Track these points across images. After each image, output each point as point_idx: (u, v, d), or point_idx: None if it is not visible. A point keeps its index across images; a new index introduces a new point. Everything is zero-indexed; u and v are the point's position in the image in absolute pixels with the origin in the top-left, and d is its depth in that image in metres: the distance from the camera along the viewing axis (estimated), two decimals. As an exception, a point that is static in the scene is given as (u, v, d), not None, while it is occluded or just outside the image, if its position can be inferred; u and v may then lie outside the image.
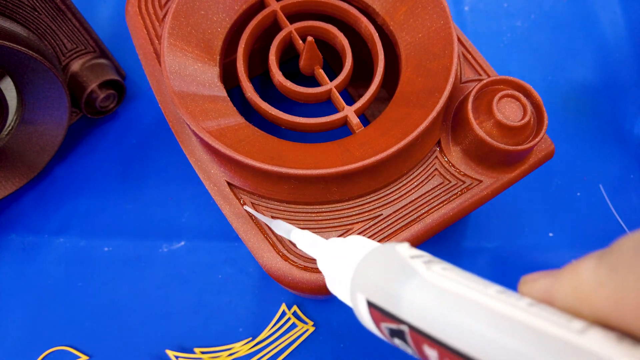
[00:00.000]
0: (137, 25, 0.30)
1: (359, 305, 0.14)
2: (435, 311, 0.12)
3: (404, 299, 0.12)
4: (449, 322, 0.11)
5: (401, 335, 0.13)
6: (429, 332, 0.12)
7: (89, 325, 0.34)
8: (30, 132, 0.36)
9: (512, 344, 0.10)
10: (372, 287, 0.14)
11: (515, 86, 0.26)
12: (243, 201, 0.26)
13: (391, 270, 0.13)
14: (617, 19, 0.45)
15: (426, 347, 0.12)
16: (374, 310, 0.13)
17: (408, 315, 0.12)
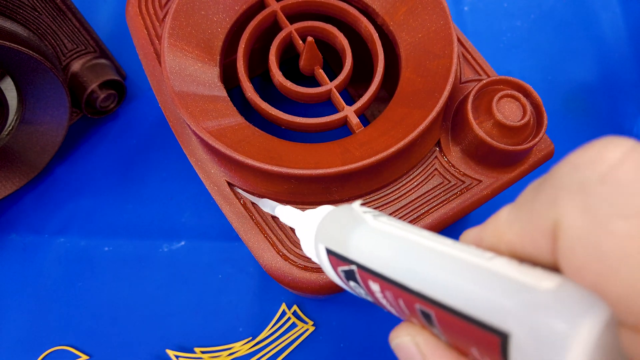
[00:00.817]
0: (137, 25, 0.30)
1: (321, 255, 0.17)
2: (376, 250, 0.14)
3: (352, 242, 0.15)
4: (386, 257, 0.13)
5: (353, 276, 0.15)
6: (372, 268, 0.14)
7: (89, 324, 0.34)
8: (30, 132, 0.36)
9: (432, 267, 0.12)
10: (329, 236, 0.16)
11: (514, 86, 0.26)
12: (243, 201, 0.26)
13: (344, 221, 0.16)
14: (617, 18, 0.45)
15: (370, 282, 0.14)
16: (332, 257, 0.16)
17: (355, 256, 0.14)
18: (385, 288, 0.14)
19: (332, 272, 0.16)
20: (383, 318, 0.34)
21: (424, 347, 0.13)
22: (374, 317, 0.34)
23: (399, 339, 0.14)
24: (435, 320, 0.12)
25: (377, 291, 0.14)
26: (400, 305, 0.13)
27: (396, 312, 0.14)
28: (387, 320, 0.34)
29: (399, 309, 0.14)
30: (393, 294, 0.13)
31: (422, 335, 0.13)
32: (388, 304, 0.14)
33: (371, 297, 0.15)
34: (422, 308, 0.12)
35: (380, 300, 0.14)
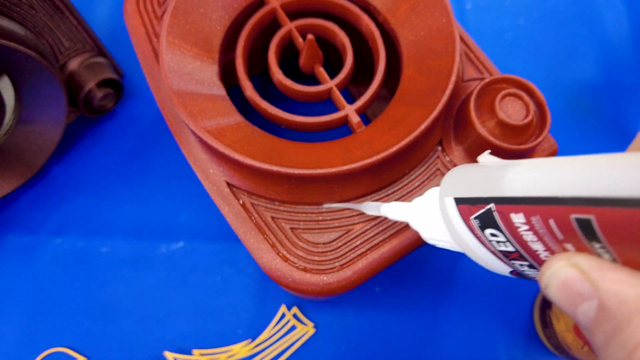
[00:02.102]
0: (135, 23, 0.29)
1: (449, 211, 0.16)
2: (529, 177, 0.13)
3: (499, 179, 0.14)
4: (539, 178, 0.13)
5: (489, 218, 0.14)
6: (521, 195, 0.13)
7: (87, 326, 0.34)
8: (27, 132, 0.35)
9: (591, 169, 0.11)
10: (461, 186, 0.16)
11: (518, 85, 0.26)
12: (243, 201, 0.25)
13: (479, 167, 0.16)
14: (621, 17, 0.45)
15: (513, 215, 0.13)
16: (463, 207, 0.15)
17: (507, 189, 0.14)
18: (533, 213, 0.13)
19: (462, 233, 0.16)
20: (384, 320, 0.34)
21: (586, 265, 0.12)
22: (375, 319, 0.34)
23: (552, 269, 0.12)
24: (596, 227, 0.11)
25: (520, 224, 0.13)
26: (551, 228, 0.12)
27: (542, 247, 0.13)
28: (388, 322, 0.34)
29: (548, 237, 0.13)
30: (542, 216, 0.12)
31: (580, 256, 0.12)
32: (532, 238, 0.13)
33: (510, 241, 0.14)
34: (580, 216, 0.11)
35: (523, 237, 0.13)
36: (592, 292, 0.11)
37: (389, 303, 0.35)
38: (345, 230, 0.25)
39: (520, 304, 0.35)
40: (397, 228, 0.25)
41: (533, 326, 0.34)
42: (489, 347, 0.34)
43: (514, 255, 0.15)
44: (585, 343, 0.28)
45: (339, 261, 0.24)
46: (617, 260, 0.11)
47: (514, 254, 0.14)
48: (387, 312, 0.34)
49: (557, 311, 0.31)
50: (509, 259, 0.15)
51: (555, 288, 0.13)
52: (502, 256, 0.15)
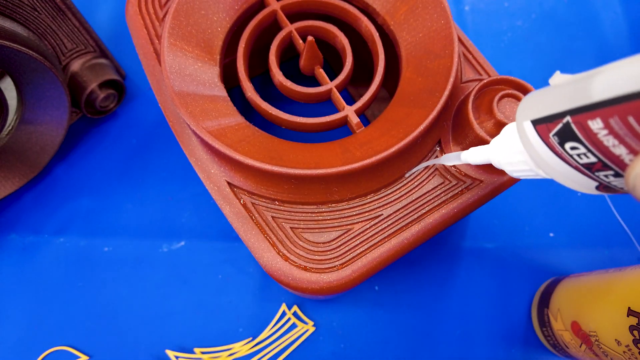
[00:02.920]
0: (137, 24, 0.30)
1: (528, 134, 0.16)
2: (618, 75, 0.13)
3: (594, 83, 0.13)
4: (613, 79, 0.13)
5: (568, 130, 0.14)
6: (596, 100, 0.13)
7: (89, 325, 0.34)
8: (30, 132, 0.36)
9: None
10: (536, 108, 0.16)
11: (516, 86, 0.26)
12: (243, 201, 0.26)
13: (552, 88, 0.15)
14: (618, 18, 0.45)
15: (590, 122, 0.13)
16: (541, 126, 0.15)
17: (578, 100, 0.14)
18: (610, 115, 0.13)
19: (544, 154, 0.16)
20: (384, 318, 0.34)
21: None
22: (374, 318, 0.34)
23: (638, 169, 0.12)
24: None
25: (599, 130, 0.13)
26: (632, 126, 0.12)
27: (625, 151, 0.13)
28: (388, 320, 0.34)
29: (630, 137, 0.12)
30: (620, 115, 0.12)
31: None
32: (613, 142, 0.13)
33: (591, 152, 0.14)
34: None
35: (603, 143, 0.13)
36: None
37: (388, 302, 0.35)
38: (345, 230, 0.25)
39: (518, 303, 0.35)
40: (396, 228, 0.25)
41: (531, 325, 0.34)
42: (487, 346, 0.34)
43: (597, 166, 0.14)
44: (582, 342, 0.28)
45: (339, 260, 0.25)
46: None
47: (597, 165, 0.14)
48: (386, 311, 0.35)
49: (555, 310, 0.31)
50: (592, 171, 0.15)
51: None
52: (585, 170, 0.15)
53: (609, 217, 0.37)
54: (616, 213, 0.37)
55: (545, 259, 0.36)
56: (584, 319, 0.28)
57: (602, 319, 0.26)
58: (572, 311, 0.29)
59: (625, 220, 0.37)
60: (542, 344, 0.34)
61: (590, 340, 0.27)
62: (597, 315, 0.27)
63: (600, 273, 0.29)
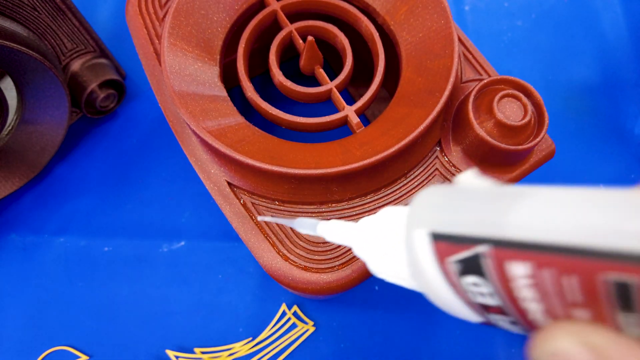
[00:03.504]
0: (137, 24, 0.30)
1: (418, 246, 0.12)
2: (551, 217, 0.10)
3: (514, 213, 0.11)
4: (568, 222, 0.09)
5: (475, 263, 0.11)
6: (540, 241, 0.10)
7: (89, 325, 0.34)
8: (30, 132, 0.36)
9: None
10: (443, 216, 0.12)
11: (515, 86, 0.26)
12: (243, 201, 0.26)
13: (469, 192, 0.12)
14: (618, 18, 0.45)
15: (513, 265, 0.10)
16: (441, 244, 0.12)
17: (510, 230, 0.10)
18: (547, 265, 0.10)
19: (431, 275, 0.12)
20: (384, 318, 0.34)
21: (611, 350, 0.08)
22: (375, 318, 0.34)
23: (555, 345, 0.09)
24: (637, 294, 0.08)
25: (520, 277, 0.10)
26: (566, 288, 0.09)
27: (540, 308, 0.10)
28: (388, 320, 0.34)
29: (556, 298, 0.10)
30: (560, 271, 0.09)
31: (599, 335, 0.09)
32: (531, 296, 0.10)
33: (496, 295, 0.11)
34: (622, 278, 0.08)
35: (516, 292, 0.10)
36: None
37: (388, 301, 0.35)
38: (345, 230, 0.25)
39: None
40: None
41: (531, 325, 0.34)
42: (488, 346, 0.34)
43: (494, 309, 0.12)
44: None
45: (339, 260, 0.25)
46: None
47: (494, 309, 0.12)
48: (386, 311, 0.35)
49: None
50: (487, 311, 0.12)
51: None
52: (477, 308, 0.12)
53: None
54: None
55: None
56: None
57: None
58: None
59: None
60: (542, 344, 0.34)
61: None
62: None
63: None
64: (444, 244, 0.12)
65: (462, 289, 0.12)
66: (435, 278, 0.12)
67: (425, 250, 0.12)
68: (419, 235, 0.12)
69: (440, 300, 0.13)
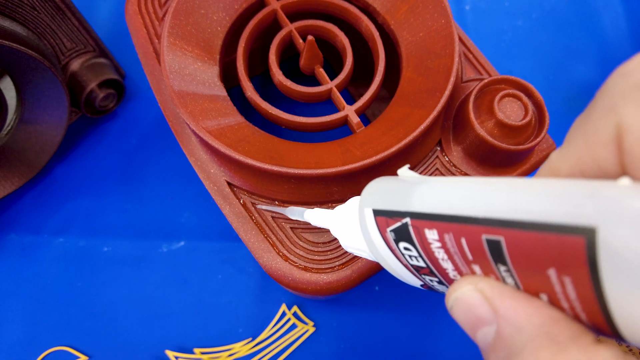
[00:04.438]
0: (136, 24, 0.29)
1: (367, 221, 0.16)
2: (441, 194, 0.13)
3: (414, 194, 0.14)
4: (452, 196, 0.13)
5: (405, 232, 0.14)
6: (435, 212, 0.13)
7: (89, 325, 0.34)
8: (29, 132, 0.35)
9: (502, 192, 0.12)
10: (379, 198, 0.16)
11: (516, 85, 0.26)
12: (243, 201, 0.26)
13: (398, 183, 0.15)
14: (619, 18, 0.45)
15: (427, 231, 0.13)
16: (380, 218, 0.15)
17: (417, 205, 0.14)
18: (446, 231, 0.13)
19: (378, 244, 0.16)
20: (384, 319, 0.34)
21: (489, 291, 0.12)
22: (375, 318, 0.34)
23: (458, 292, 0.13)
24: (505, 249, 0.11)
25: (433, 240, 0.13)
26: (462, 248, 0.12)
27: (451, 267, 0.13)
28: (388, 321, 0.34)
29: (458, 257, 0.13)
30: (455, 234, 0.12)
31: (485, 281, 0.12)
32: (443, 256, 0.13)
33: (422, 257, 0.14)
34: (491, 237, 0.11)
35: (434, 254, 0.13)
36: (492, 318, 0.12)
37: (388, 302, 0.35)
38: (345, 230, 0.25)
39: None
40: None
41: (532, 325, 0.34)
42: (488, 346, 0.34)
43: (424, 270, 0.15)
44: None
45: (339, 260, 0.24)
46: (519, 286, 0.12)
47: (424, 270, 0.15)
48: (386, 311, 0.34)
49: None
50: (420, 273, 0.15)
51: (459, 311, 0.13)
52: (414, 270, 0.15)
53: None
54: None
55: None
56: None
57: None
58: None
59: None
60: (543, 345, 0.34)
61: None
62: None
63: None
64: (382, 218, 0.15)
65: (400, 254, 0.15)
66: (381, 246, 0.16)
67: (372, 223, 0.16)
68: (367, 212, 0.16)
69: (388, 266, 0.17)
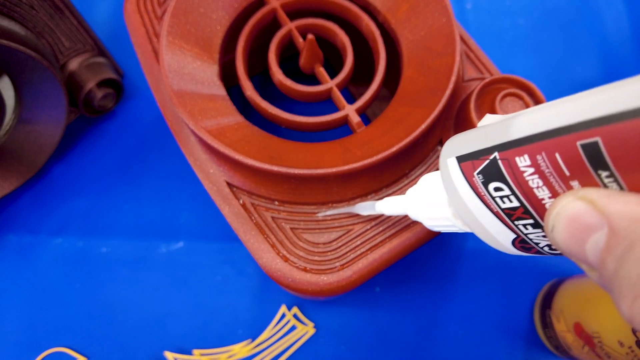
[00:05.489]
0: (135, 23, 0.29)
1: (452, 173, 0.16)
2: (529, 117, 0.13)
3: (500, 126, 0.14)
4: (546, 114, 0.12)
5: (493, 169, 0.14)
6: (531, 133, 0.13)
7: (87, 326, 0.34)
8: (27, 132, 0.35)
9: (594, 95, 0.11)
10: (462, 144, 0.15)
11: (518, 85, 0.26)
12: (243, 201, 0.25)
13: (479, 128, 0.15)
14: (621, 17, 0.45)
15: (517, 159, 0.13)
16: (466, 164, 0.15)
17: (504, 135, 0.13)
18: (538, 152, 0.12)
19: (465, 195, 0.15)
20: (384, 320, 0.34)
21: (594, 194, 0.11)
22: (375, 319, 0.34)
23: (558, 207, 0.12)
24: (603, 149, 0.11)
25: (525, 168, 0.13)
26: (558, 164, 0.12)
27: (547, 193, 0.13)
28: (388, 322, 0.34)
29: (554, 177, 0.12)
30: (548, 152, 0.12)
31: (586, 189, 0.11)
32: (537, 183, 0.13)
33: (514, 194, 0.14)
34: (586, 141, 0.11)
35: (528, 183, 0.13)
36: (601, 221, 0.11)
37: (389, 303, 0.35)
38: (346, 230, 0.25)
39: (520, 304, 0.35)
40: (397, 228, 0.25)
41: (533, 326, 0.34)
42: (489, 348, 0.34)
43: (518, 212, 0.14)
44: (585, 343, 0.28)
45: (339, 261, 0.24)
46: (624, 189, 0.11)
47: (518, 211, 0.14)
48: (387, 312, 0.34)
49: (558, 311, 0.31)
50: (513, 219, 0.14)
51: (561, 227, 0.12)
52: (506, 217, 0.15)
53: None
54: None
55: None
56: (587, 321, 0.28)
57: (605, 320, 0.26)
58: (574, 312, 0.29)
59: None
60: (545, 346, 0.33)
61: (593, 341, 0.27)
62: (600, 317, 0.27)
63: (603, 274, 0.29)
64: (467, 163, 0.15)
65: (490, 199, 0.15)
66: (469, 196, 0.15)
67: (457, 173, 0.15)
68: (451, 162, 0.16)
69: (478, 224, 0.16)
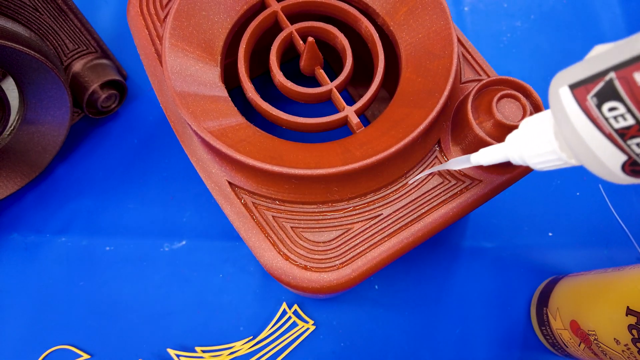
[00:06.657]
0: (138, 25, 0.30)
1: (563, 101, 0.16)
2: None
3: (617, 47, 0.14)
4: None
5: (609, 89, 0.14)
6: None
7: (91, 324, 0.34)
8: (32, 132, 0.36)
9: None
10: (574, 73, 0.15)
11: (514, 86, 0.26)
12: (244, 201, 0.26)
13: (590, 57, 0.15)
14: (617, 19, 0.45)
15: (636, 74, 0.13)
16: (579, 90, 0.15)
17: (625, 53, 0.13)
18: None
19: (577, 120, 0.15)
20: (384, 317, 0.35)
21: None
22: (374, 317, 0.35)
23: None
24: None
25: None
26: None
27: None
28: (388, 319, 0.34)
29: None
30: None
31: None
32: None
33: (630, 112, 0.14)
34: None
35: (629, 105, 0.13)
36: None
37: (388, 301, 0.35)
38: (345, 229, 0.25)
39: (517, 302, 0.35)
40: (396, 227, 0.25)
41: (530, 324, 0.35)
42: (487, 345, 0.34)
43: (632, 130, 0.14)
44: (581, 341, 0.28)
45: (339, 259, 0.25)
46: None
47: (632, 129, 0.14)
48: (386, 310, 0.35)
49: (554, 309, 0.31)
50: (625, 139, 0.14)
51: None
52: (618, 138, 0.15)
53: (608, 217, 0.38)
54: (615, 213, 0.38)
55: (544, 258, 0.36)
56: (583, 318, 0.28)
57: (601, 318, 0.27)
58: (571, 310, 0.29)
59: (624, 220, 0.37)
60: (541, 343, 0.34)
61: (589, 339, 0.27)
62: (596, 314, 0.27)
63: (599, 272, 0.29)
64: (580, 89, 0.15)
65: (603, 121, 0.15)
66: (581, 121, 0.15)
67: (569, 101, 0.15)
68: (563, 91, 0.16)
69: (588, 152, 0.16)
